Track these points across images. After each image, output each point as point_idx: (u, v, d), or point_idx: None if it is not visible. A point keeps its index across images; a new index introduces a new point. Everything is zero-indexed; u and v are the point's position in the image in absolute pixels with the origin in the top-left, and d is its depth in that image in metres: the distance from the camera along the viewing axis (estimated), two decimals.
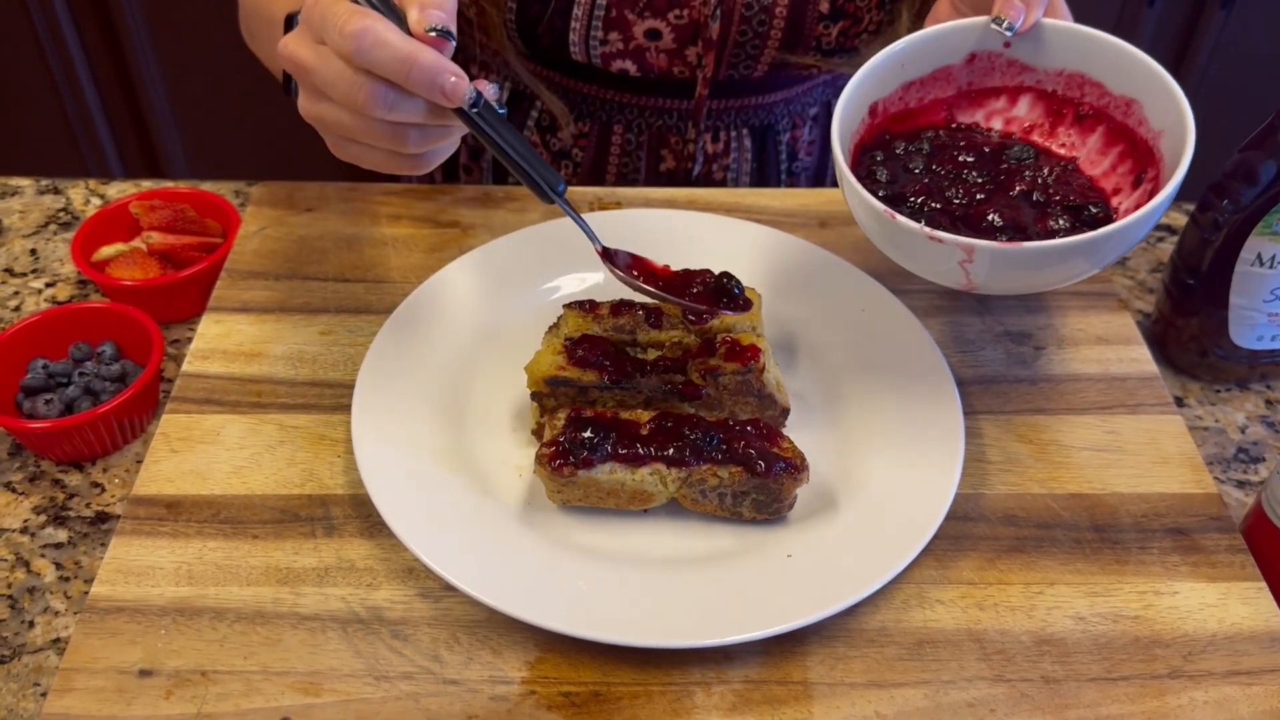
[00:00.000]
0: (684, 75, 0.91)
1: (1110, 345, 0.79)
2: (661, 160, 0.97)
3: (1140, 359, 0.78)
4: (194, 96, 2.04)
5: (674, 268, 0.77)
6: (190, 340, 0.79)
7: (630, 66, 0.90)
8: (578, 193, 0.90)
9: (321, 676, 0.59)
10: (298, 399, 0.74)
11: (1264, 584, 0.65)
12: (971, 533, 0.67)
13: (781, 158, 1.00)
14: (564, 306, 0.72)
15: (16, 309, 0.84)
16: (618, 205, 0.89)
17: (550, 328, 0.72)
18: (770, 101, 0.96)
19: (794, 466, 0.64)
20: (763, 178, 1.01)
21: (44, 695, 0.60)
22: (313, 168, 2.23)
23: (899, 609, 0.63)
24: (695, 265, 0.79)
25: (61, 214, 0.93)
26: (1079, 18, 0.71)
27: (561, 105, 0.94)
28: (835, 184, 1.05)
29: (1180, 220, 0.94)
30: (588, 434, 0.64)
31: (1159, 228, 0.93)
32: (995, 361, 0.78)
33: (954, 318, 0.80)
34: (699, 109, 0.93)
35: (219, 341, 0.77)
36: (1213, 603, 0.64)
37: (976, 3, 0.68)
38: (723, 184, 0.98)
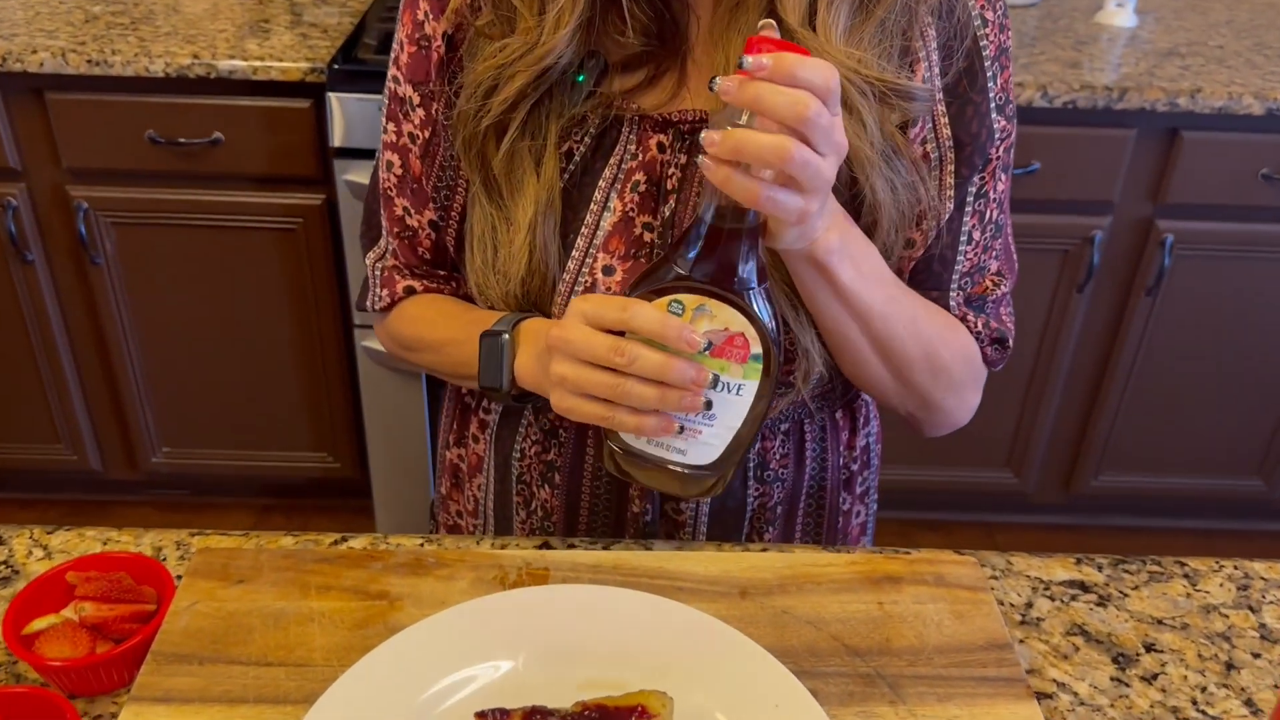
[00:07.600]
0: None
1: None
2: None
3: None
4: (170, 380, 2.11)
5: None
6: (115, 715, 0.79)
7: None
8: (506, 556, 0.93)
9: None
10: None
11: None
12: None
13: (749, 466, 1.03)
14: (475, 715, 0.73)
15: None
16: (545, 571, 0.91)
17: None
18: None
19: None
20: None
21: None
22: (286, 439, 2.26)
23: None
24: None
25: (2, 567, 0.95)
26: (1020, 303, 0.71)
27: None
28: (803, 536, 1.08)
29: None
30: None
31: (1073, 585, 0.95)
32: None
33: (866, 707, 0.82)
34: None
35: None
36: None
37: None
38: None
